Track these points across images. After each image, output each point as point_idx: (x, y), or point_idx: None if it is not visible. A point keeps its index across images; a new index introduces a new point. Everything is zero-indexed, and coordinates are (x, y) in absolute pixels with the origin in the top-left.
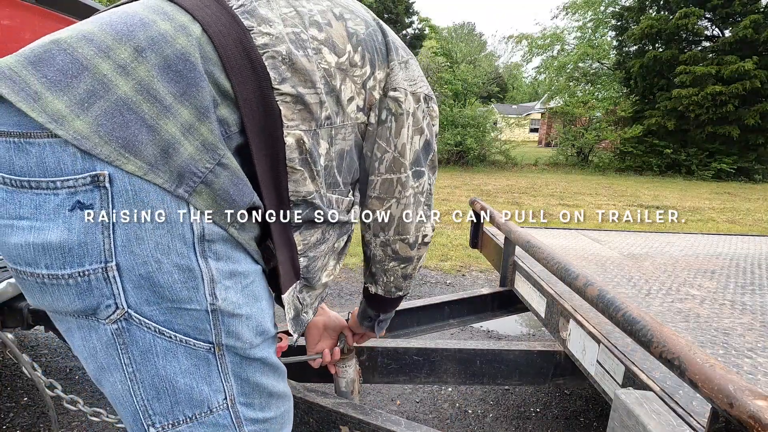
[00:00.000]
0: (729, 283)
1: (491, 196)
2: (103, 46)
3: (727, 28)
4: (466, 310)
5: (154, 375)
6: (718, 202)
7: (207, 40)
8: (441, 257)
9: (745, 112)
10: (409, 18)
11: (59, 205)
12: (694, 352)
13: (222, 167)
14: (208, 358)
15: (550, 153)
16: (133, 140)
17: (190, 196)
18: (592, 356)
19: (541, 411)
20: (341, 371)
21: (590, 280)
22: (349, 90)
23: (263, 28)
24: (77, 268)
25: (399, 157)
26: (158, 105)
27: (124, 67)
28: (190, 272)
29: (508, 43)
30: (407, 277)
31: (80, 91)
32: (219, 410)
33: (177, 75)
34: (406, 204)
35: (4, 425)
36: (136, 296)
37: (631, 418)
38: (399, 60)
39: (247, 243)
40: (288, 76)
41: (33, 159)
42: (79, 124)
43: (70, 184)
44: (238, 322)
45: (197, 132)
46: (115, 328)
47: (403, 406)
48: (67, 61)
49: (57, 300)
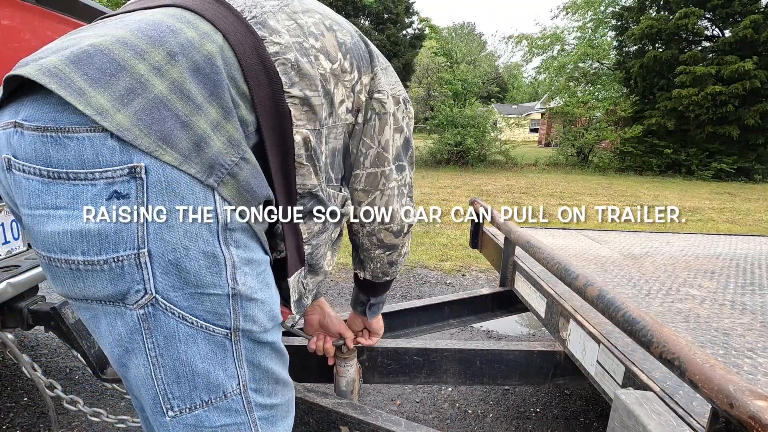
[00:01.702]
0: (729, 283)
1: (491, 196)
2: (139, 49)
3: (727, 28)
4: (466, 310)
5: (176, 359)
6: (718, 202)
7: (228, 48)
8: (441, 257)
9: (745, 112)
10: (409, 18)
11: (97, 195)
12: (694, 352)
13: (245, 161)
14: (224, 344)
15: (550, 153)
16: (170, 134)
17: (219, 186)
18: (592, 356)
19: (541, 411)
20: (342, 371)
21: (590, 280)
22: (340, 93)
23: (274, 38)
24: (112, 254)
25: (382, 152)
26: (191, 104)
27: (159, 69)
28: (214, 258)
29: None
30: (393, 263)
31: (120, 88)
32: (233, 395)
33: (205, 78)
34: (390, 195)
35: (4, 425)
36: (164, 282)
37: (631, 419)
38: (381, 66)
39: (260, 233)
40: (296, 80)
41: (71, 152)
42: (121, 118)
43: (108, 175)
44: (255, 307)
45: (224, 129)
46: (142, 313)
47: (403, 406)
48: (105, 61)
49: (89, 286)
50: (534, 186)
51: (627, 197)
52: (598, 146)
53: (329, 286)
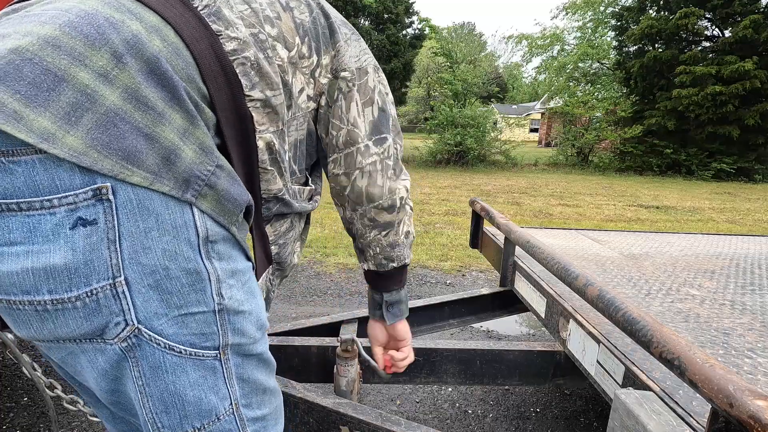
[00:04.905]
0: (729, 283)
1: (491, 196)
2: (76, 53)
3: (727, 28)
4: (466, 310)
5: (163, 390)
6: (718, 202)
7: (182, 45)
8: (441, 257)
9: (745, 112)
10: (409, 18)
11: (58, 225)
12: (694, 352)
13: (220, 169)
14: (214, 366)
15: (550, 153)
16: (134, 151)
17: (197, 200)
18: (592, 356)
19: (541, 411)
20: (342, 370)
21: (590, 281)
22: (299, 82)
23: (230, 32)
24: (84, 288)
25: (353, 129)
26: (151, 112)
27: (106, 75)
28: (197, 275)
29: (508, 43)
30: (393, 245)
31: (62, 104)
32: (225, 416)
33: (161, 80)
34: (371, 171)
35: (4, 425)
36: (146, 309)
37: (631, 418)
38: (344, 39)
39: (243, 240)
40: (257, 81)
41: (20, 179)
42: (72, 140)
43: (69, 201)
44: (243, 319)
45: (193, 136)
46: (125, 345)
47: (403, 406)
48: (38, 73)
49: (61, 326)
50: (534, 186)
51: (627, 197)
52: (598, 146)
53: (329, 286)
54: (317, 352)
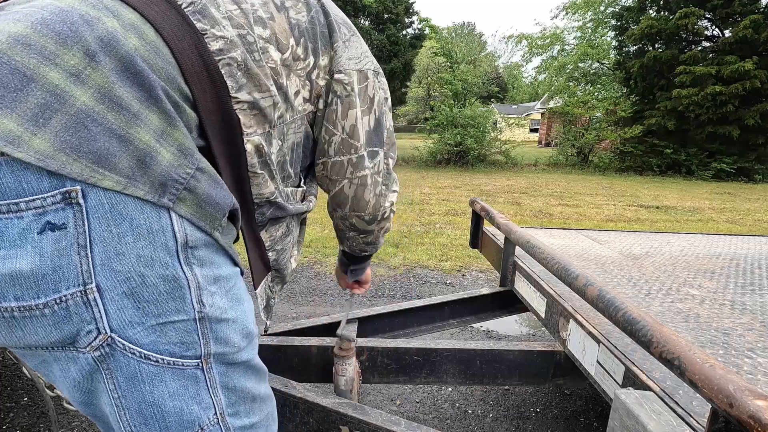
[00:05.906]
0: (729, 283)
1: (491, 196)
2: (46, 52)
3: (727, 28)
4: (466, 310)
5: (140, 401)
6: (718, 202)
7: (162, 43)
8: (441, 257)
9: (745, 112)
10: (409, 18)
11: (25, 229)
12: (694, 352)
13: (201, 172)
14: (196, 375)
15: (550, 153)
16: (105, 153)
17: (175, 205)
18: (592, 356)
19: (541, 411)
20: (340, 369)
21: (590, 280)
22: (294, 84)
23: (216, 31)
24: (53, 296)
25: (348, 139)
26: (125, 113)
27: (77, 75)
28: (176, 282)
29: (508, 43)
30: (370, 243)
31: (30, 105)
32: (209, 426)
33: (137, 78)
34: (359, 184)
35: (4, 425)
36: (119, 318)
37: (631, 418)
38: (342, 39)
39: (228, 246)
40: (244, 82)
41: None
42: (39, 143)
43: (36, 205)
44: (226, 327)
45: (171, 137)
46: (98, 354)
47: (403, 406)
48: (6, 72)
49: (30, 334)
50: (534, 186)
51: (627, 197)
52: (598, 146)
53: (329, 286)
54: (317, 352)
